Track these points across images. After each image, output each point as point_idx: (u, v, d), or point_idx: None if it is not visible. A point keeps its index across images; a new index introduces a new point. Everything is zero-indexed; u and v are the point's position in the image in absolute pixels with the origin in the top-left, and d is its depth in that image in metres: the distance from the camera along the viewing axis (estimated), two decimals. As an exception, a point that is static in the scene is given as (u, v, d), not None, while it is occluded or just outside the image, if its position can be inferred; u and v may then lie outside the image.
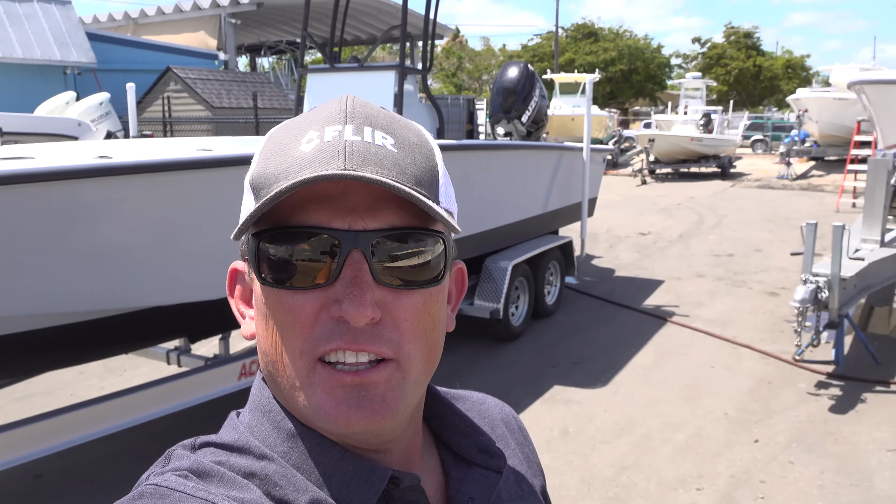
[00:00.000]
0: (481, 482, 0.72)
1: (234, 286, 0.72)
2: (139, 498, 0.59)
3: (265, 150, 0.65)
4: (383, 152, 0.61)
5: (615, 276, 9.23)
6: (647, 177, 21.56)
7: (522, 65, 8.01)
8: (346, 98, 0.65)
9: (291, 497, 0.61)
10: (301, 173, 0.59)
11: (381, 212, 0.61)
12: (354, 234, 0.60)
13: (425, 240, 0.63)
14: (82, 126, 10.46)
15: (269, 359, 0.64)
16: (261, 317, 0.65)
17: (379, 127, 0.64)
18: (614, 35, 50.85)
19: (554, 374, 5.70)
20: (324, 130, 0.62)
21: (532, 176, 7.22)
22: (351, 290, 0.59)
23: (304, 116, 0.66)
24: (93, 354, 4.25)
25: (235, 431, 0.67)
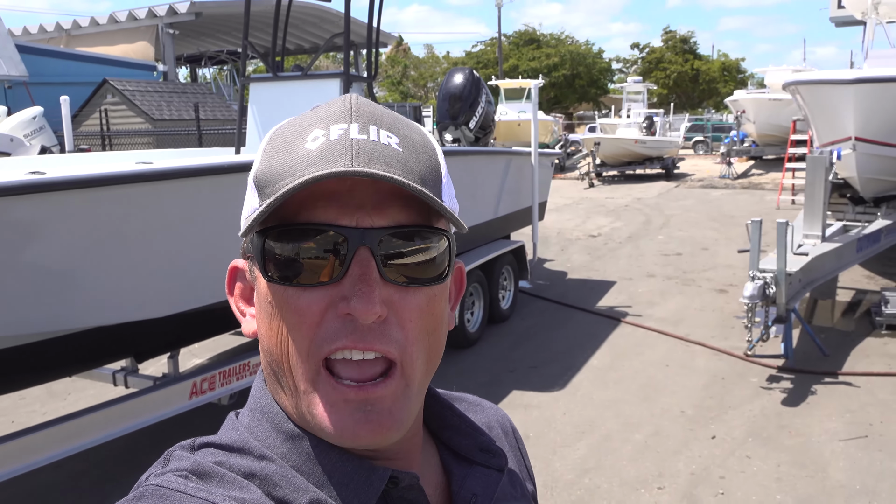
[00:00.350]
0: (484, 480, 0.73)
1: (233, 284, 0.71)
2: (140, 499, 0.58)
3: (269, 148, 0.65)
4: (389, 151, 0.62)
5: (568, 278, 9.30)
6: (594, 180, 21.86)
7: (468, 71, 8.01)
8: (351, 97, 0.66)
9: (291, 497, 0.61)
10: (308, 171, 0.59)
11: (387, 209, 0.61)
12: (362, 232, 0.60)
13: (430, 237, 0.64)
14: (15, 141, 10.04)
15: (273, 358, 0.64)
16: (265, 315, 0.64)
17: (384, 126, 0.64)
18: (556, 41, 51.55)
19: (512, 380, 5.68)
20: (329, 129, 0.62)
21: (482, 181, 7.20)
22: (360, 287, 0.59)
23: (308, 115, 0.66)
24: (33, 379, 4.05)
25: (235, 432, 0.66)
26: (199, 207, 3.76)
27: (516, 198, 7.95)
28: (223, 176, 3.85)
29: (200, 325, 4.36)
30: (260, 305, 0.65)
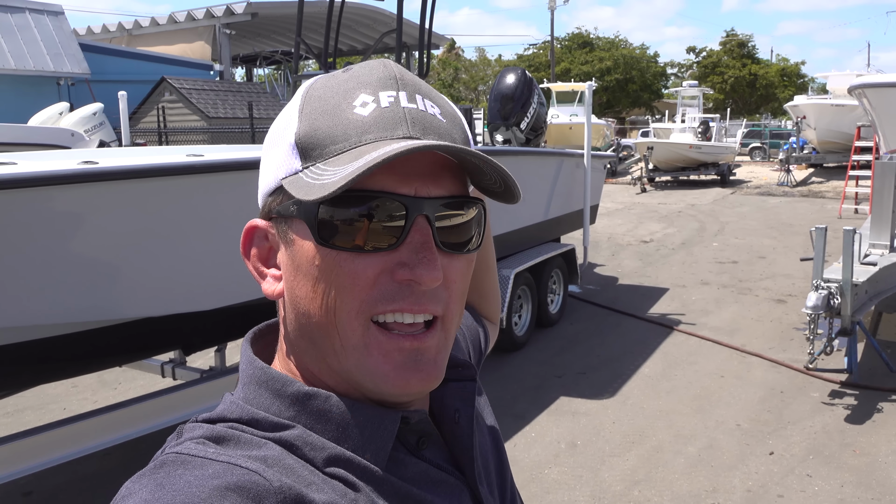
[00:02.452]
0: (460, 392, 0.75)
1: (249, 245, 0.70)
2: (160, 467, 0.58)
3: (308, 109, 0.65)
4: (436, 122, 0.64)
5: (618, 284, 9.09)
6: (647, 185, 21.47)
7: (520, 71, 7.89)
8: (388, 63, 0.66)
9: (310, 455, 0.62)
10: (364, 137, 0.61)
11: (441, 180, 0.64)
12: (420, 201, 0.62)
13: (473, 207, 0.67)
14: (75, 136, 10.32)
15: (312, 319, 0.64)
16: (306, 278, 0.63)
17: (426, 96, 0.66)
18: (610, 44, 50.93)
19: (559, 385, 5.54)
20: (378, 95, 0.63)
21: (532, 183, 7.08)
22: (424, 255, 0.61)
23: (345, 77, 0.66)
24: (84, 367, 4.09)
25: (235, 406, 0.66)
26: (249, 200, 3.74)
27: (567, 200, 7.80)
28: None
29: (248, 320, 4.36)
30: (300, 268, 0.64)
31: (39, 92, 14.66)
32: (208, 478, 0.55)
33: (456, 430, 0.73)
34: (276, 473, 0.58)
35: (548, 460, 4.34)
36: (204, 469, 0.57)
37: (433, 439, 0.71)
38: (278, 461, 0.60)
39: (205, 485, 0.55)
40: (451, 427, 0.73)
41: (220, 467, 0.57)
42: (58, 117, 11.45)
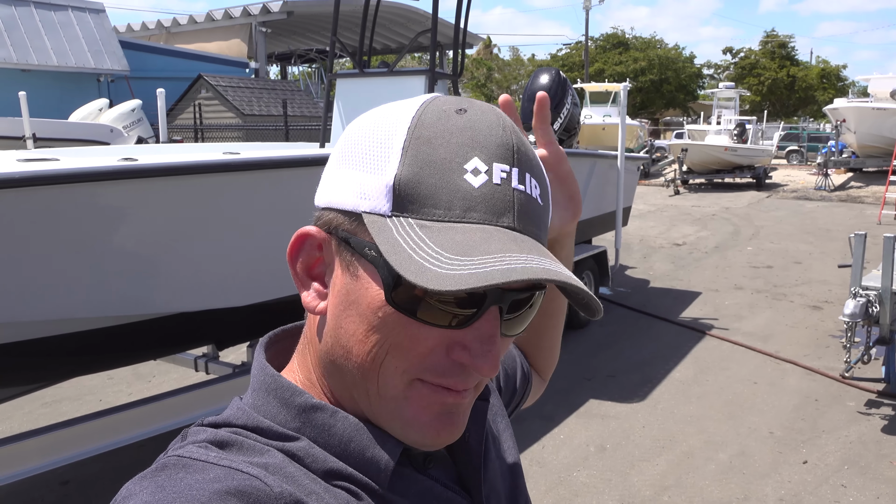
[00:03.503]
0: (472, 413, 0.72)
1: (298, 252, 0.66)
2: (161, 469, 0.58)
3: (413, 150, 0.59)
4: (536, 208, 0.61)
5: (650, 287, 9.01)
6: (680, 187, 21.22)
7: (554, 71, 7.83)
8: (507, 124, 0.62)
9: (313, 467, 0.62)
10: (468, 215, 0.57)
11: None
12: (501, 292, 0.59)
13: (539, 293, 0.64)
14: (114, 132, 10.52)
15: (354, 360, 0.62)
16: (361, 320, 0.61)
17: (532, 172, 0.62)
18: (645, 45, 50.42)
19: (589, 388, 5.51)
20: (493, 166, 0.59)
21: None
22: (488, 348, 0.59)
23: (460, 126, 0.60)
24: (120, 360, 4.17)
25: (242, 413, 0.65)
26: (283, 198, 3.79)
27: (599, 202, 7.74)
28: (307, 168, 3.86)
29: (280, 316, 4.41)
30: (355, 305, 0.61)
31: (80, 88, 14.98)
32: (209, 481, 0.55)
33: (465, 449, 0.72)
34: (277, 480, 0.58)
35: (576, 463, 4.32)
36: (205, 473, 0.56)
37: (441, 458, 0.70)
38: (280, 469, 0.60)
39: (205, 488, 0.55)
40: (461, 446, 0.72)
41: (222, 471, 0.57)
42: (97, 113, 11.69)
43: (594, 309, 0.62)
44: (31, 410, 4.99)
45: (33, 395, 4.89)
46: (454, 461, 0.72)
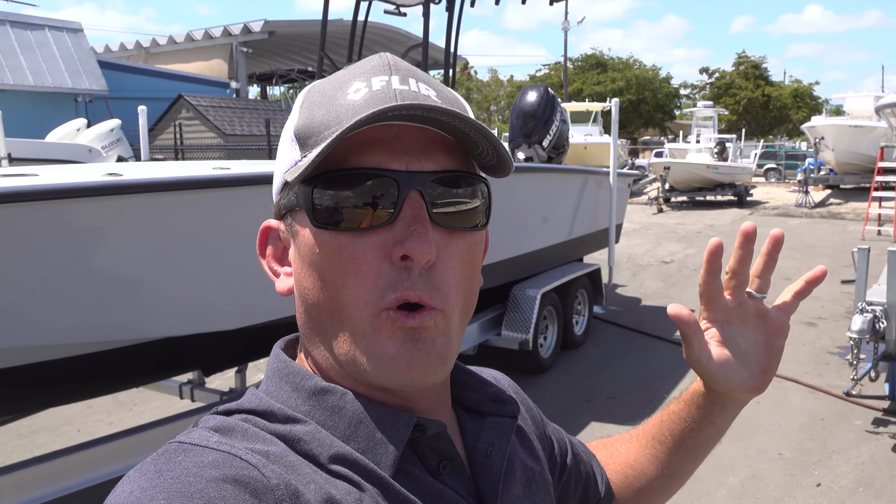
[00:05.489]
0: (498, 429, 0.72)
1: (265, 245, 0.71)
2: (162, 454, 0.58)
3: (307, 103, 0.66)
4: (430, 102, 0.62)
5: (642, 305, 8.89)
6: (663, 205, 21.28)
7: (542, 88, 7.76)
8: (384, 54, 0.67)
9: (316, 452, 0.61)
10: (354, 118, 0.59)
11: (434, 155, 0.63)
12: (411, 175, 0.61)
13: (474, 184, 0.66)
14: (93, 152, 10.28)
15: (322, 310, 0.64)
16: (312, 268, 0.63)
17: (421, 80, 0.65)
18: (623, 65, 50.97)
19: (589, 410, 5.34)
20: (370, 80, 0.63)
21: (557, 201, 6.92)
22: (414, 227, 0.60)
23: (344, 72, 0.67)
24: (101, 389, 3.94)
25: (255, 398, 0.66)
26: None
27: (592, 219, 7.63)
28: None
29: (269, 340, 4.21)
30: (305, 259, 0.64)
31: (57, 108, 14.69)
32: (206, 466, 0.55)
33: (486, 463, 0.70)
34: (276, 470, 0.57)
35: (583, 490, 4.13)
36: (203, 457, 0.56)
37: (457, 467, 0.67)
38: (281, 458, 0.59)
39: (202, 474, 0.54)
40: (482, 460, 0.70)
41: (220, 456, 0.56)
42: (75, 133, 11.43)
43: (504, 160, 0.65)
44: (5, 442, 4.71)
45: (6, 426, 4.63)
46: (473, 474, 0.69)
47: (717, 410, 0.87)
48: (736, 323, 0.82)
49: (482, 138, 0.62)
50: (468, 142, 0.64)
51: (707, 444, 0.93)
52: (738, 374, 0.81)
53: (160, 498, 0.52)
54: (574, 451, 0.95)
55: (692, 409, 0.89)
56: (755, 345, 0.82)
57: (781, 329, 0.83)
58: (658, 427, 0.95)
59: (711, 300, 0.82)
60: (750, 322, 0.82)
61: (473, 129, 0.61)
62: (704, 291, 0.82)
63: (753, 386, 0.82)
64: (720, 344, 0.82)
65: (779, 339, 0.83)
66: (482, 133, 0.62)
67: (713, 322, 0.83)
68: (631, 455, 0.98)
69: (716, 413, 0.87)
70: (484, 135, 0.62)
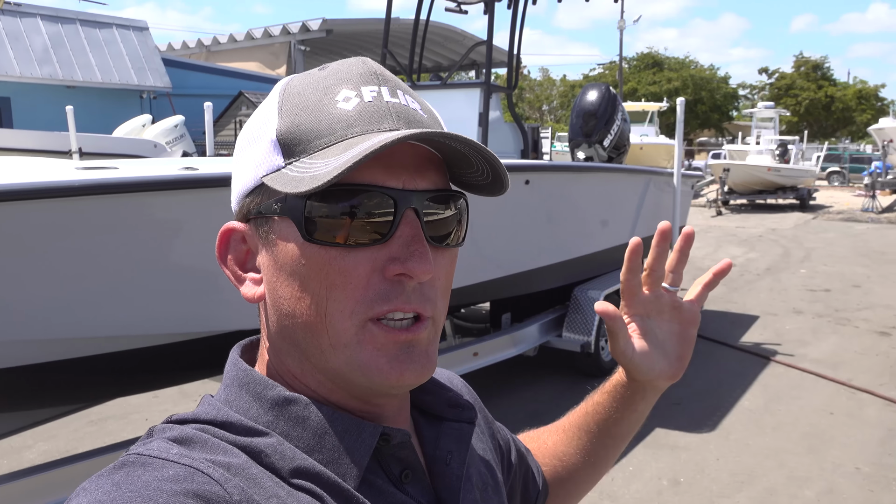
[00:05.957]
0: (456, 435, 0.73)
1: (226, 250, 0.68)
2: (120, 468, 0.56)
3: (287, 105, 0.63)
4: (418, 116, 0.64)
5: (704, 310, 8.63)
6: (722, 207, 20.79)
7: (604, 87, 7.64)
8: (367, 60, 0.66)
9: (278, 465, 0.60)
10: (349, 131, 0.60)
11: (427, 173, 0.63)
12: (408, 194, 0.61)
13: (458, 201, 0.67)
14: (158, 147, 10.52)
15: (299, 320, 0.62)
16: (292, 280, 0.62)
17: (406, 92, 0.65)
18: (679, 65, 50.04)
19: (653, 415, 5.12)
20: (360, 90, 0.62)
21: (618, 201, 6.79)
22: (415, 248, 0.60)
23: (323, 75, 0.65)
24: (170, 380, 4.01)
25: (213, 408, 0.64)
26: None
27: (653, 221, 7.46)
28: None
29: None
30: (284, 269, 0.62)
31: (123, 104, 15.11)
32: (167, 481, 0.53)
33: (446, 472, 0.70)
34: (238, 484, 0.56)
35: (650, 498, 4.02)
36: (164, 471, 0.54)
37: (418, 475, 0.68)
38: (242, 470, 0.58)
39: (163, 488, 0.52)
40: (441, 468, 0.70)
41: (181, 470, 0.55)
42: (141, 129, 11.72)
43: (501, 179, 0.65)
44: (78, 429, 4.84)
45: (79, 413, 4.74)
46: (433, 483, 0.70)
47: (638, 398, 0.92)
48: (654, 315, 0.86)
49: (479, 157, 0.63)
50: (460, 158, 0.64)
51: (630, 430, 0.98)
52: (658, 363, 0.86)
53: None
54: (517, 448, 0.96)
55: (616, 399, 0.94)
56: (671, 335, 0.87)
57: (693, 319, 0.88)
58: (583, 418, 0.98)
59: (632, 295, 0.86)
60: (666, 314, 0.87)
61: (474, 151, 0.62)
62: (626, 288, 0.86)
63: (671, 373, 0.88)
64: (641, 336, 0.86)
65: (692, 329, 0.88)
66: (480, 152, 0.62)
67: (633, 316, 0.87)
68: (559, 447, 1.01)
69: (638, 401, 0.93)
70: (482, 154, 0.62)
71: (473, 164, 0.64)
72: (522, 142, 6.47)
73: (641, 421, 0.98)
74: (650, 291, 0.86)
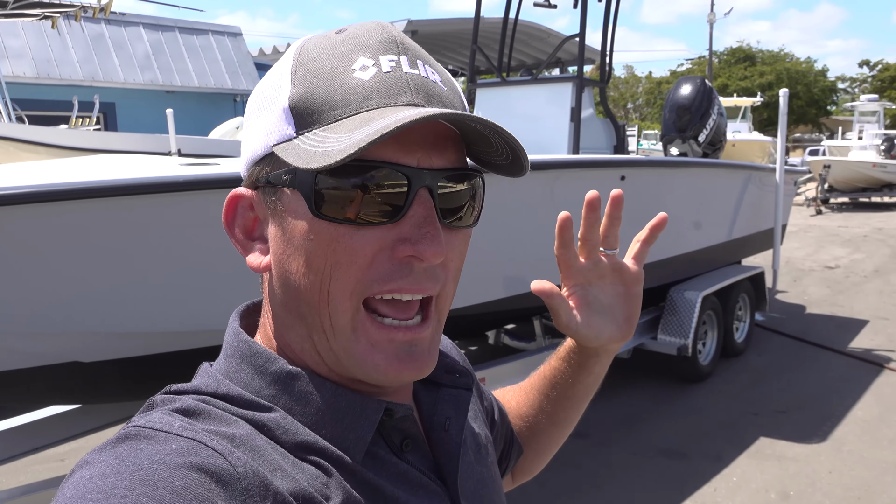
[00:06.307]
0: (454, 401, 0.73)
1: (233, 216, 0.66)
2: (123, 440, 0.54)
3: (301, 71, 0.60)
4: (438, 89, 0.61)
5: (806, 313, 8.22)
6: (822, 206, 19.76)
7: (699, 80, 7.34)
8: (387, 25, 0.63)
9: (283, 439, 0.59)
10: (366, 103, 0.58)
11: (444, 151, 0.61)
12: (423, 172, 0.59)
13: (475, 180, 0.65)
14: (249, 149, 10.81)
15: (304, 296, 0.61)
16: (300, 252, 0.60)
17: (426, 62, 0.63)
18: (773, 58, 48.01)
19: (756, 424, 4.94)
20: (378, 59, 0.60)
21: (718, 198, 6.50)
22: (427, 230, 0.58)
23: (341, 39, 0.62)
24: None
25: (213, 380, 0.63)
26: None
27: (752, 219, 7.12)
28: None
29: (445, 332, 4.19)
30: (292, 242, 0.61)
31: (217, 107, 15.68)
32: (171, 454, 0.53)
33: (444, 438, 0.71)
34: (242, 456, 0.55)
35: (757, 511, 3.80)
36: (167, 444, 0.54)
37: (418, 444, 0.68)
38: (246, 441, 0.57)
39: (167, 461, 0.52)
40: (440, 435, 0.71)
41: (185, 444, 0.54)
42: (235, 131, 12.08)
43: (521, 160, 0.63)
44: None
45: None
46: (432, 449, 0.70)
47: (593, 363, 0.93)
48: (595, 282, 0.86)
49: (498, 137, 0.60)
50: (478, 137, 0.62)
51: (588, 392, 0.99)
52: (606, 328, 0.87)
53: (122, 486, 0.49)
54: (499, 408, 0.98)
55: (571, 365, 0.95)
56: (616, 296, 0.87)
57: (637, 277, 0.87)
58: (542, 381, 1.00)
59: (569, 267, 0.85)
60: (608, 277, 0.86)
61: (494, 132, 0.60)
62: (561, 261, 0.85)
63: (621, 336, 0.88)
64: (585, 306, 0.86)
65: (636, 287, 0.88)
66: (498, 132, 0.60)
67: (574, 287, 0.86)
68: (523, 408, 1.03)
69: (592, 365, 0.94)
70: (501, 134, 0.60)
71: (493, 145, 0.62)
72: (616, 137, 6.28)
73: (598, 381, 0.99)
74: (587, 259, 0.85)
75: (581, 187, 4.96)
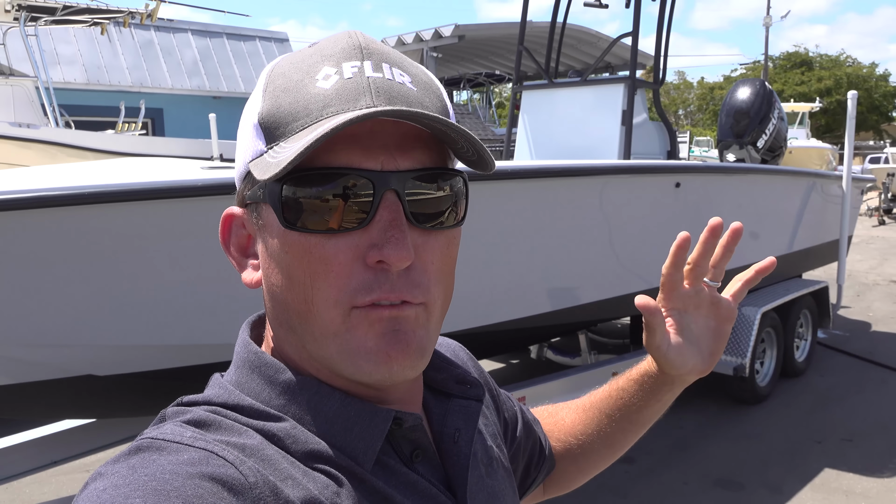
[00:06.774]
0: (463, 412, 0.73)
1: (228, 234, 0.67)
2: (135, 452, 0.55)
3: (271, 87, 0.61)
4: (405, 90, 0.60)
5: (872, 331, 7.72)
6: (885, 216, 18.91)
7: (758, 82, 6.96)
8: (354, 33, 0.63)
9: (293, 449, 0.60)
10: (325, 111, 0.58)
11: (410, 151, 0.60)
12: (387, 175, 0.58)
13: (451, 179, 0.63)
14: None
15: (290, 307, 0.61)
16: (280, 266, 0.61)
17: (395, 64, 0.62)
18: (831, 63, 46.54)
19: (820, 453, 4.56)
20: (341, 66, 0.60)
21: (779, 207, 6.12)
22: (392, 234, 0.58)
23: (310, 52, 0.63)
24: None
25: (224, 390, 0.63)
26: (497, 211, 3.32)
27: (815, 230, 6.70)
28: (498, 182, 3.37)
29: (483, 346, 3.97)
30: (272, 255, 0.62)
31: (263, 113, 15.77)
32: (183, 464, 0.53)
33: (454, 450, 0.70)
34: (253, 466, 0.56)
35: (825, 553, 3.45)
36: (179, 455, 0.54)
37: (428, 455, 0.67)
38: (257, 451, 0.57)
39: (179, 471, 0.52)
40: (450, 446, 0.70)
41: (197, 454, 0.54)
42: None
43: (484, 158, 0.62)
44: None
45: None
46: (442, 461, 0.69)
47: (665, 390, 0.92)
48: (691, 310, 0.86)
49: (456, 134, 0.59)
50: (446, 136, 0.60)
51: (651, 418, 0.97)
52: (691, 359, 0.86)
53: (135, 496, 0.50)
54: (524, 420, 0.95)
55: (642, 388, 0.93)
56: (706, 330, 0.87)
57: (730, 315, 0.88)
58: (606, 402, 0.98)
59: (672, 289, 0.85)
60: (703, 309, 0.86)
61: (450, 128, 0.58)
62: (666, 281, 0.85)
63: (702, 368, 0.88)
64: (677, 331, 0.86)
65: (727, 325, 0.88)
66: (455, 130, 0.58)
67: (671, 310, 0.86)
68: (578, 426, 1.00)
69: (664, 392, 0.92)
70: (458, 132, 0.58)
71: (457, 141, 0.60)
72: (669, 142, 5.96)
73: (663, 411, 0.97)
74: (690, 286, 0.85)
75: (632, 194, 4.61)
